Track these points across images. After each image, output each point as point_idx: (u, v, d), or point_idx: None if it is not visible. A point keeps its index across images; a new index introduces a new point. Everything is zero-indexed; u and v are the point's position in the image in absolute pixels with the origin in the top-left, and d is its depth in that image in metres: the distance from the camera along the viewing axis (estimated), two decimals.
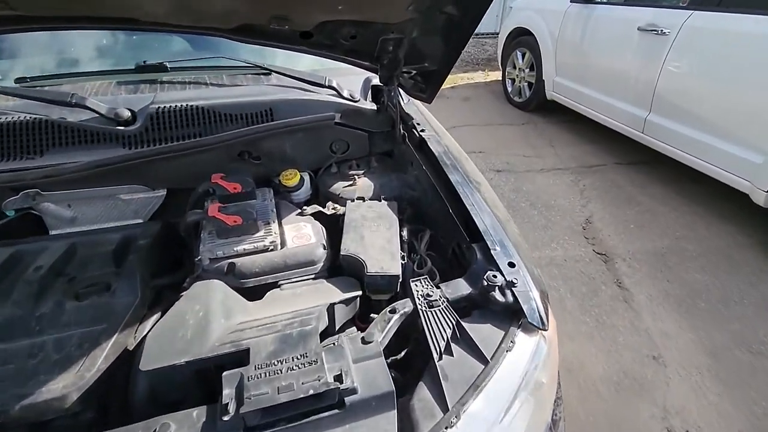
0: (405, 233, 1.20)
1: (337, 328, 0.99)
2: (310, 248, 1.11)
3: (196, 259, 1.06)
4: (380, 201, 1.29)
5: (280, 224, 1.20)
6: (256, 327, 0.84)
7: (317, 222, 1.25)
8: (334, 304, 0.95)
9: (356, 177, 1.38)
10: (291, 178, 1.34)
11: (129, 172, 1.23)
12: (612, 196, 3.36)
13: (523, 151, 4.02)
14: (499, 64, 5.37)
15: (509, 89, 5.16)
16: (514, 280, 0.92)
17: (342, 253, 1.09)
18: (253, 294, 1.04)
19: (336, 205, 1.31)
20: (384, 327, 0.87)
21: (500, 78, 5.49)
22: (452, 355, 0.83)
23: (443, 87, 1.46)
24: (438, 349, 0.82)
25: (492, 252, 0.99)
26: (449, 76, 1.43)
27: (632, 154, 3.88)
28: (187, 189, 1.28)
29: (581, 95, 4.03)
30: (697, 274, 2.62)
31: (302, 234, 1.17)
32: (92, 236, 1.23)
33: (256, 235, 1.13)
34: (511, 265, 0.96)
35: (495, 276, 0.92)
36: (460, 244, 1.12)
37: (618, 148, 4.00)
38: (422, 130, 1.43)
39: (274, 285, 1.07)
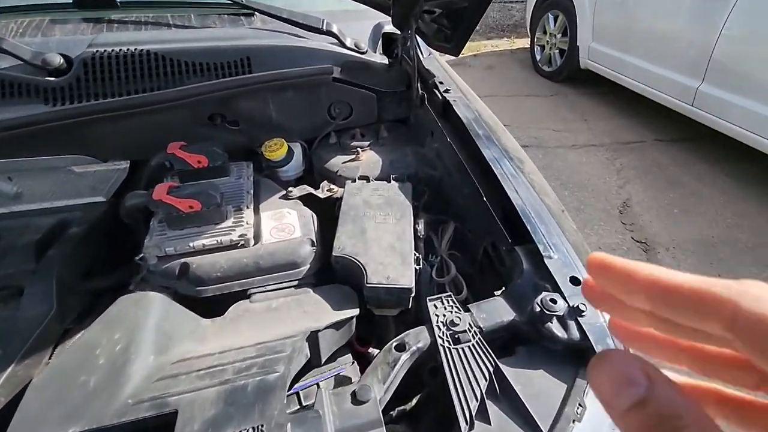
0: (421, 226, 0.90)
1: (324, 358, 0.71)
2: (292, 245, 0.83)
3: (137, 258, 0.78)
4: (389, 182, 0.99)
5: (256, 211, 0.92)
6: (198, 371, 0.57)
7: (306, 208, 0.96)
8: (319, 331, 0.67)
9: (360, 150, 1.07)
10: (275, 149, 1.05)
11: (64, 138, 0.94)
12: (652, 177, 2.99)
13: (552, 125, 3.63)
14: (527, 29, 4.88)
15: (538, 57, 4.70)
16: (582, 306, 0.62)
17: (335, 253, 0.80)
18: (215, 306, 0.77)
19: (332, 186, 1.02)
20: (387, 375, 0.58)
21: (528, 45, 5.02)
22: (488, 423, 0.55)
23: (462, 53, 1.13)
24: (467, 415, 0.54)
25: (545, 260, 0.69)
26: (469, 43, 1.10)
27: (674, 130, 3.47)
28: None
29: (622, 63, 3.59)
30: (753, 267, 2.28)
31: (284, 225, 0.88)
32: (23, 219, 0.96)
33: (222, 225, 0.85)
34: (575, 281, 0.66)
35: (554, 301, 0.62)
36: (496, 245, 0.82)
37: (658, 124, 3.58)
38: (446, 91, 1.11)
39: (244, 295, 0.79)
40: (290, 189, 0.96)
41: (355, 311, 0.73)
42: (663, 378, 0.17)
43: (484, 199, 0.82)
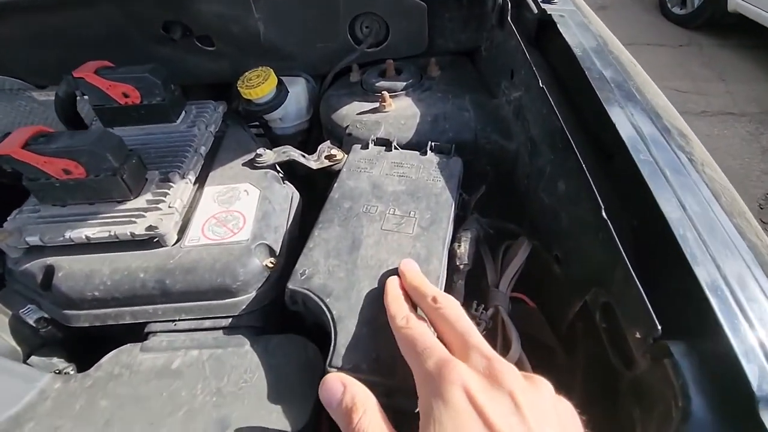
0: (465, 246, 0.49)
1: None
2: (227, 255, 0.47)
3: None
4: (425, 153, 0.58)
5: (201, 185, 0.56)
6: None
7: (285, 186, 0.59)
8: None
9: (386, 95, 0.66)
10: (255, 83, 0.67)
11: None
12: None
13: (678, 84, 2.83)
14: None
15: None
16: None
17: (291, 285, 0.43)
18: (101, 344, 0.46)
19: (335, 150, 0.63)
20: None
21: None
22: None
23: None
24: None
25: (749, 376, 0.27)
26: None
27: None
28: None
29: None
30: None
31: (230, 214, 0.52)
32: None
33: (127, 206, 0.51)
34: None
35: None
36: (614, 311, 0.39)
37: None
38: (546, 0, 0.64)
39: (138, 329, 0.47)
40: (261, 151, 0.59)
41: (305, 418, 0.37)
42: None
43: (604, 213, 0.39)
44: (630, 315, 0.36)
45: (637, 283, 0.34)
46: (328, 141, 0.67)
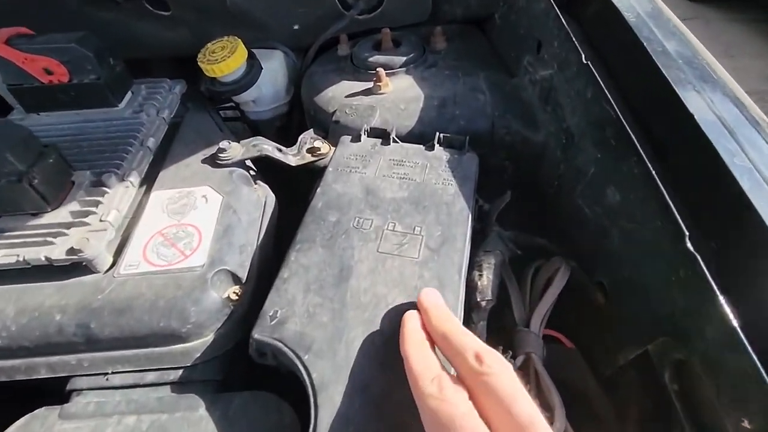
0: (487, 274, 0.38)
1: None
2: (175, 288, 0.36)
3: None
4: (431, 147, 0.46)
5: (147, 190, 0.44)
6: None
7: (256, 188, 0.47)
8: None
9: (381, 73, 0.53)
10: (220, 56, 0.54)
11: None
12: None
13: None
14: None
15: None
16: None
17: (256, 334, 0.32)
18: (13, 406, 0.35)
19: (318, 142, 0.51)
20: None
21: None
22: None
23: None
24: None
25: None
26: None
27: None
28: None
29: None
30: None
31: (181, 230, 0.40)
32: None
33: (38, 222, 0.39)
34: None
35: None
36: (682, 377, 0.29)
37: None
38: None
39: (61, 386, 0.36)
40: (223, 146, 0.46)
41: None
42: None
43: (689, 244, 0.28)
44: (733, 394, 0.25)
45: (752, 355, 0.24)
46: (311, 130, 0.54)
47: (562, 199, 0.45)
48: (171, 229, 0.40)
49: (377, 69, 0.53)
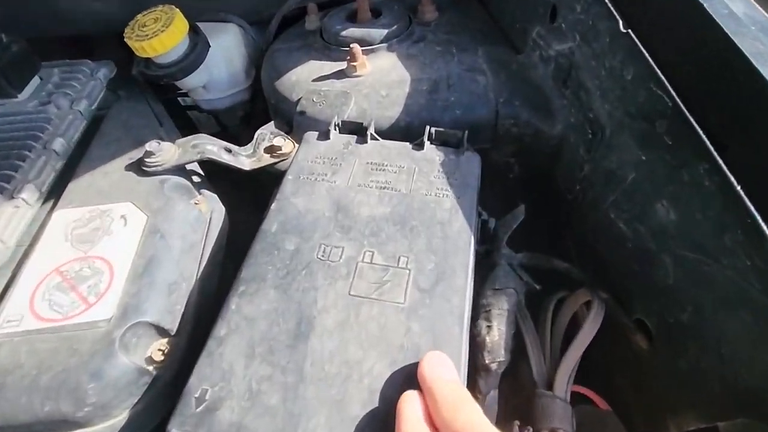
0: (497, 325, 0.28)
1: None
2: (68, 355, 0.26)
3: None
4: (422, 144, 0.35)
5: (51, 209, 0.34)
6: None
7: (196, 199, 0.37)
8: None
9: (354, 50, 0.42)
10: (153, 32, 0.42)
11: None
12: None
13: None
14: None
15: None
16: None
17: (173, 429, 0.22)
18: None
19: (279, 139, 0.40)
20: None
21: None
22: None
23: None
24: None
25: None
26: None
27: None
28: None
29: None
30: None
31: (86, 265, 0.30)
32: None
33: None
34: None
35: None
36: None
37: None
38: None
39: None
40: (152, 146, 0.36)
41: None
42: None
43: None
44: None
45: None
46: (272, 123, 0.44)
47: (587, 209, 0.36)
48: (73, 265, 0.30)
49: (351, 46, 0.42)
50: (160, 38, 0.42)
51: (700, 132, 0.24)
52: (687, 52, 0.28)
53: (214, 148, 0.38)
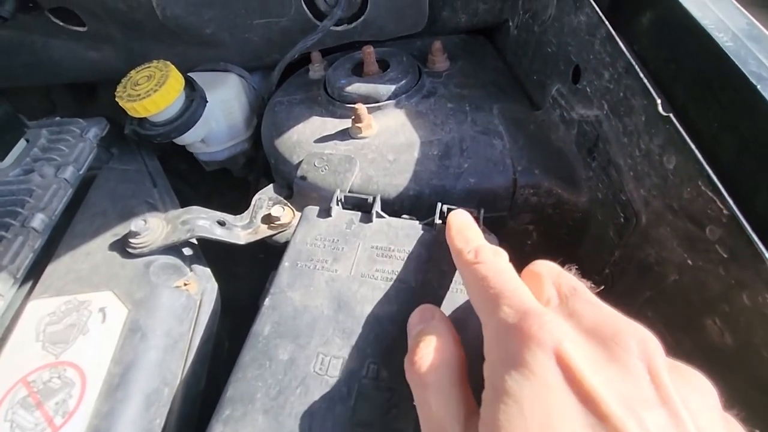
0: None
1: None
2: None
3: None
4: (432, 223, 0.32)
5: (27, 296, 0.31)
6: None
7: (193, 274, 0.34)
8: None
9: (361, 111, 0.39)
10: (146, 91, 0.40)
11: None
12: None
13: None
14: None
15: None
16: None
17: None
18: None
19: (278, 208, 0.37)
20: None
21: None
22: None
23: None
24: None
25: None
26: None
27: None
28: None
29: None
30: None
31: (56, 374, 0.27)
32: None
33: None
34: None
35: None
36: None
37: None
38: None
39: None
40: (137, 226, 0.33)
41: None
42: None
43: None
44: None
45: None
46: (270, 187, 0.41)
47: (618, 298, 0.32)
48: (42, 374, 0.27)
49: (357, 106, 0.39)
50: (152, 98, 0.39)
51: (763, 250, 0.20)
52: (750, 148, 0.25)
53: (206, 223, 0.35)
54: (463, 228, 0.27)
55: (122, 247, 0.33)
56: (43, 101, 0.64)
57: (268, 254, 0.40)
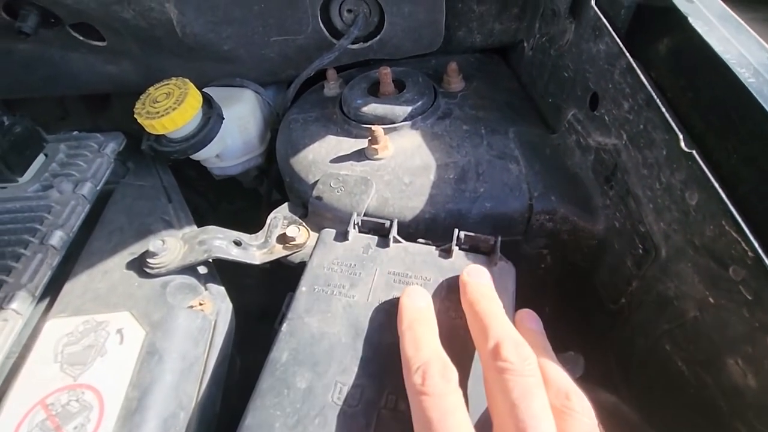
0: None
1: None
2: None
3: None
4: (449, 250, 0.32)
5: (44, 314, 0.31)
6: None
7: (208, 293, 0.34)
8: None
9: (377, 133, 0.39)
10: (164, 109, 0.40)
11: None
12: None
13: None
14: None
15: None
16: None
17: None
18: None
19: (293, 228, 0.37)
20: None
21: None
22: None
23: None
24: None
25: None
26: None
27: None
28: None
29: None
30: None
31: (74, 396, 0.27)
32: None
33: None
34: None
35: None
36: None
37: None
38: None
39: None
40: (156, 246, 0.33)
41: None
42: None
43: None
44: None
45: None
46: (285, 206, 0.41)
47: (634, 330, 0.32)
48: (60, 397, 0.27)
49: (373, 128, 0.39)
50: (171, 116, 0.39)
51: None
52: (755, 181, 0.25)
53: (222, 243, 0.35)
54: (419, 320, 0.26)
55: (139, 266, 0.33)
56: (57, 108, 0.65)
57: (278, 265, 0.40)
